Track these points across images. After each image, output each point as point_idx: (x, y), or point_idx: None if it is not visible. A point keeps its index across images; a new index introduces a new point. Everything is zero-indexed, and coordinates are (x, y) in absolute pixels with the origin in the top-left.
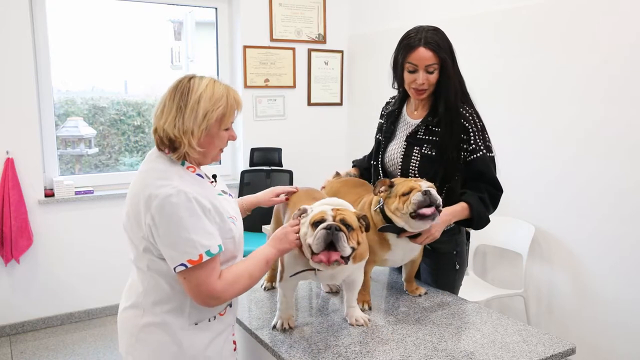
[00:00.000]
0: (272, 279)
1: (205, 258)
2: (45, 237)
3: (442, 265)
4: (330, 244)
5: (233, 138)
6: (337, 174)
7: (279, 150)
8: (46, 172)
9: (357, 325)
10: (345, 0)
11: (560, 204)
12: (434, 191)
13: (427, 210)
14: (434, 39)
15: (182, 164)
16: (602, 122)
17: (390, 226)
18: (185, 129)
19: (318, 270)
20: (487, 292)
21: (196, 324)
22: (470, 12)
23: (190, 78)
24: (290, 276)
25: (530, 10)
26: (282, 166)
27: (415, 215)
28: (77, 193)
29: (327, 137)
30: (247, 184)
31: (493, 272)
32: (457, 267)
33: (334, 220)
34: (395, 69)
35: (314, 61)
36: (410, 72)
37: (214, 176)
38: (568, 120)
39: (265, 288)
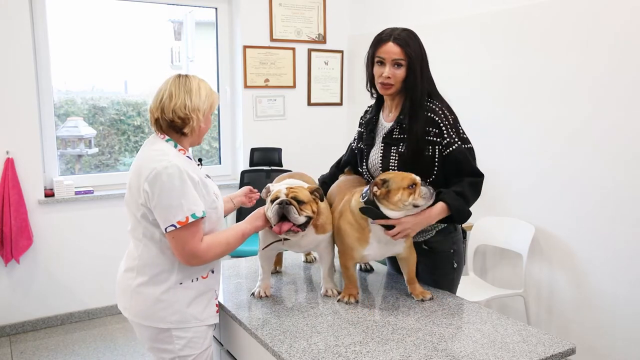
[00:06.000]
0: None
1: (191, 220)
2: (45, 237)
3: (440, 264)
4: (284, 217)
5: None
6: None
7: (279, 150)
8: (46, 172)
9: (325, 295)
10: (345, 0)
11: (560, 204)
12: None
13: (430, 202)
14: (402, 36)
15: (175, 146)
16: (590, 119)
17: (371, 209)
18: (194, 107)
19: (285, 239)
20: (487, 292)
21: (181, 283)
22: (468, 12)
23: (185, 75)
24: (263, 248)
25: (519, 12)
26: (282, 166)
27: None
28: (77, 193)
29: (327, 137)
30: (247, 184)
31: (493, 272)
32: (455, 265)
33: (286, 197)
34: (367, 65)
35: (314, 61)
36: (378, 65)
37: (200, 160)
38: (558, 118)
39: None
